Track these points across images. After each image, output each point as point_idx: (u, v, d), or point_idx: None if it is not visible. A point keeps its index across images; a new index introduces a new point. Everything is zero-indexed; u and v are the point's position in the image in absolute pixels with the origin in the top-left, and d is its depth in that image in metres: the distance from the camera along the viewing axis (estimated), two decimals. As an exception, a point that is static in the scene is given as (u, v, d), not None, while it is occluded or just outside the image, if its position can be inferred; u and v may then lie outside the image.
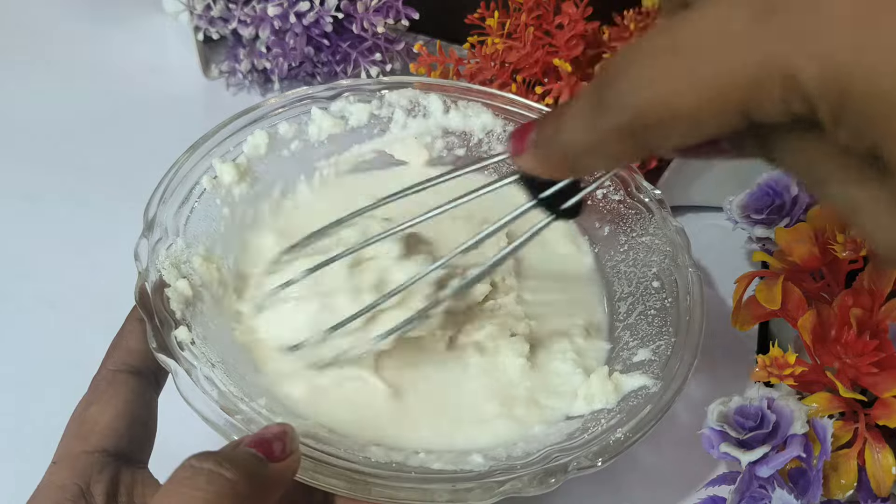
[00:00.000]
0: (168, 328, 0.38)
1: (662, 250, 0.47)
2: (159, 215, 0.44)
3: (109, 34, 0.72)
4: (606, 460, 0.38)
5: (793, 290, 0.44)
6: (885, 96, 0.20)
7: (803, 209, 0.49)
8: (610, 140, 0.24)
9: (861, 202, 0.23)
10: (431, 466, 0.37)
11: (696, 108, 0.22)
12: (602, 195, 0.50)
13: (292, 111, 0.50)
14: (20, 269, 0.54)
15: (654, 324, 0.44)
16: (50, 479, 0.34)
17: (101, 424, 0.35)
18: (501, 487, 0.36)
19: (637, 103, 0.23)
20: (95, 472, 0.34)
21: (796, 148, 0.23)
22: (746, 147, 0.25)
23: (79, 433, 0.35)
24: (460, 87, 0.53)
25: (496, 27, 0.58)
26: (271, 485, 0.31)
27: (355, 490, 0.35)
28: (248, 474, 0.29)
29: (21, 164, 0.61)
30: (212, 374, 0.37)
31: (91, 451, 0.34)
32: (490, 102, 0.52)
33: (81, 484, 0.34)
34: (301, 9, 0.62)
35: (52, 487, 0.34)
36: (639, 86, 0.23)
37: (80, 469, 0.34)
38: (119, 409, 0.36)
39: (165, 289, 0.40)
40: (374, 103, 0.52)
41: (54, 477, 0.34)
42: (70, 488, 0.33)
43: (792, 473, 0.40)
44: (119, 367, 0.37)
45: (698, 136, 0.23)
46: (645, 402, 0.40)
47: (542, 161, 0.28)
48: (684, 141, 0.23)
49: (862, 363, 0.40)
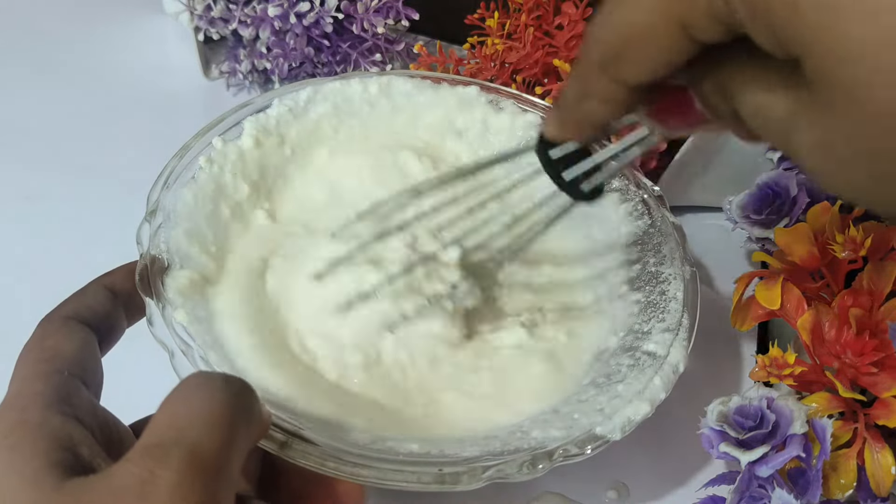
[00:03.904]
0: (167, 310, 0.39)
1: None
2: (162, 200, 0.44)
3: (109, 34, 0.72)
4: (595, 448, 0.38)
5: (792, 290, 0.45)
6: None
7: (803, 209, 0.49)
8: (591, 78, 0.28)
9: (789, 118, 0.24)
10: (419, 451, 0.38)
11: (649, 30, 0.25)
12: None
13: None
14: (20, 269, 0.54)
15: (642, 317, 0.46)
16: (21, 389, 0.30)
17: (67, 351, 0.32)
18: (487, 472, 0.36)
19: (602, 37, 0.27)
20: (74, 392, 0.30)
21: (737, 76, 0.26)
22: (707, 93, 0.27)
23: (41, 358, 0.31)
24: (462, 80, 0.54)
25: (496, 28, 0.59)
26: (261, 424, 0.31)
27: (341, 471, 0.35)
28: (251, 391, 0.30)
29: (21, 164, 0.61)
30: (207, 356, 0.38)
31: (62, 371, 0.31)
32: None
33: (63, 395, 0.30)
34: (301, 9, 0.62)
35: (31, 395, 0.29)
36: (602, 25, 0.27)
37: (56, 385, 0.30)
38: (78, 345, 0.33)
39: (165, 272, 0.41)
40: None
41: (25, 389, 0.30)
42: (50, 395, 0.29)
43: (791, 473, 0.40)
44: (72, 315, 0.34)
45: (658, 60, 0.26)
46: (633, 396, 0.40)
47: (556, 121, 0.32)
48: (652, 69, 0.26)
49: (861, 363, 0.40)
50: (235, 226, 0.48)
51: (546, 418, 0.41)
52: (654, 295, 0.46)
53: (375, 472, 0.36)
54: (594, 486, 0.46)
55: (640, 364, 0.42)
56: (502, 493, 0.44)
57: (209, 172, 0.47)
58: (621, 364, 0.43)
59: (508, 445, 0.38)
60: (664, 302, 0.45)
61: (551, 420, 0.40)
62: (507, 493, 0.44)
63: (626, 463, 0.47)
